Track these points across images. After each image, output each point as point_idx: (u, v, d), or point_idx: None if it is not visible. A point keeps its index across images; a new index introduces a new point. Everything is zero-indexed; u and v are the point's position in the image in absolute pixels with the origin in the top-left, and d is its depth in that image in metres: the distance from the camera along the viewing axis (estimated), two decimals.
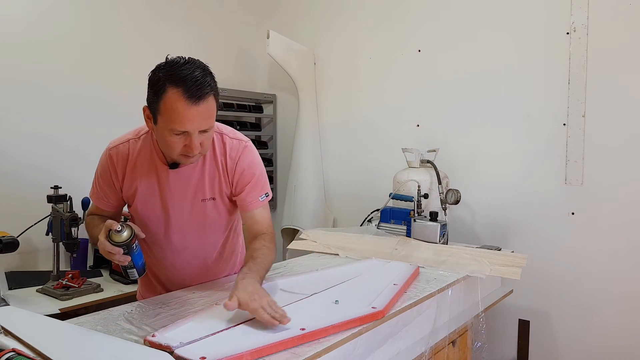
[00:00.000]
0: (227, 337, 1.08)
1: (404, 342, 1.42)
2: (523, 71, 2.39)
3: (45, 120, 2.43)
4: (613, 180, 2.18)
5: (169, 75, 1.25)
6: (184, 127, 1.26)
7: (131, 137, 1.49)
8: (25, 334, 1.04)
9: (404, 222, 2.20)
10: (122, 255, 1.25)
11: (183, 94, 1.23)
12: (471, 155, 2.55)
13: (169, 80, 1.25)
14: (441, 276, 1.71)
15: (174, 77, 1.24)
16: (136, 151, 1.45)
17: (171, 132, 1.28)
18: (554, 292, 2.33)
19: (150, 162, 1.45)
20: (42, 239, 2.27)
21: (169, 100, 1.24)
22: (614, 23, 2.16)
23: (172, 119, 1.26)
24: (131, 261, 1.28)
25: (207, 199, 1.49)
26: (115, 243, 1.24)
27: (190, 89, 1.24)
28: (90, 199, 1.54)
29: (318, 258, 1.97)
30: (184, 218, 1.49)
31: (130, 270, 1.32)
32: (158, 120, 1.30)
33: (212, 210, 1.52)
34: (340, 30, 3.05)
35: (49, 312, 1.85)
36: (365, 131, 2.95)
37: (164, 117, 1.27)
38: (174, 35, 2.97)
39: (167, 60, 1.30)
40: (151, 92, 1.29)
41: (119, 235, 1.24)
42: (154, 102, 1.29)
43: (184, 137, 1.29)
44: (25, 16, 2.37)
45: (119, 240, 1.24)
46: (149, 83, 1.30)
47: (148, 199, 1.47)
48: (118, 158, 1.45)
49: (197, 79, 1.25)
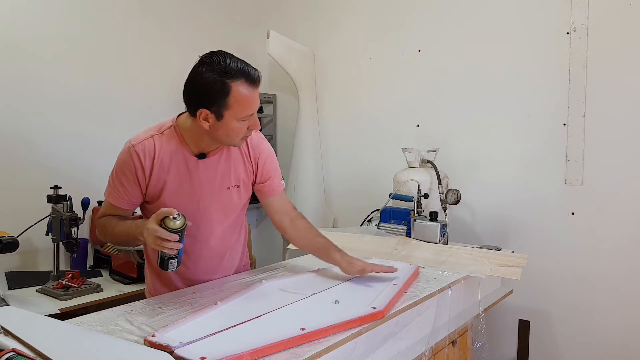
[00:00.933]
0: (227, 337, 1.08)
1: (404, 342, 1.42)
2: (523, 71, 2.39)
3: (45, 120, 2.43)
4: (613, 180, 2.18)
5: (224, 71, 1.35)
6: (252, 109, 1.41)
7: (154, 133, 1.51)
8: (25, 334, 1.04)
9: (404, 222, 2.20)
10: (176, 242, 1.26)
11: (246, 82, 1.37)
12: (471, 155, 2.55)
13: (228, 76, 1.35)
14: (441, 276, 1.71)
15: (231, 71, 1.36)
16: (162, 146, 1.49)
17: (240, 120, 1.40)
18: (554, 292, 2.33)
19: (178, 155, 1.50)
20: (42, 239, 2.27)
21: (237, 93, 1.36)
22: (614, 23, 2.16)
23: (243, 108, 1.38)
24: (177, 251, 1.29)
25: (233, 187, 1.58)
26: (171, 230, 1.24)
27: (248, 76, 1.38)
28: (107, 199, 1.53)
29: (318, 258, 1.97)
30: (212, 206, 1.56)
31: (172, 260, 1.31)
32: (225, 116, 1.39)
33: (236, 198, 1.61)
34: (341, 30, 3.05)
35: (49, 312, 1.85)
36: (365, 131, 2.95)
37: (234, 109, 1.38)
38: (174, 35, 2.97)
39: (203, 60, 1.39)
40: (209, 93, 1.36)
41: (174, 222, 1.25)
42: (217, 101, 1.37)
43: (247, 121, 1.43)
44: (26, 14, 2.37)
45: (175, 227, 1.25)
46: (203, 87, 1.36)
47: (178, 190, 1.51)
48: (145, 153, 1.47)
49: (247, 66, 1.40)
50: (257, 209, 3.48)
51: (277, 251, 3.28)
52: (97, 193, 2.53)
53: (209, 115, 1.39)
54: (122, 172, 1.49)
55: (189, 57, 3.37)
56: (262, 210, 3.51)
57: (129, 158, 1.48)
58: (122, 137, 2.80)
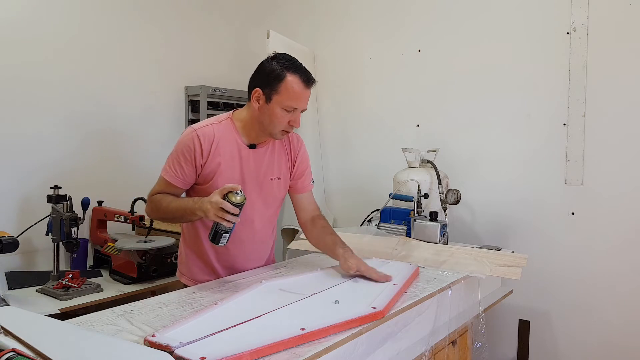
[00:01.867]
0: (227, 337, 1.08)
1: (404, 342, 1.42)
2: (523, 71, 2.38)
3: (45, 120, 2.43)
4: (613, 180, 2.18)
5: (287, 65, 1.58)
6: (297, 104, 1.58)
7: (213, 122, 1.68)
8: (25, 334, 1.04)
9: (404, 222, 2.20)
10: (234, 216, 1.39)
11: (300, 79, 1.57)
12: (471, 155, 2.54)
13: (288, 69, 1.57)
14: (441, 276, 1.71)
15: (292, 66, 1.58)
16: (219, 133, 1.65)
17: (283, 109, 1.58)
18: (554, 292, 2.33)
19: (232, 143, 1.67)
20: (42, 239, 2.28)
21: (290, 84, 1.56)
22: (614, 23, 2.16)
23: (289, 97, 1.56)
24: (233, 225, 1.41)
25: (274, 178, 1.75)
26: (233, 203, 1.37)
27: (305, 76, 1.58)
28: (164, 177, 1.65)
29: (318, 258, 1.97)
30: (256, 192, 1.70)
31: (225, 235, 1.43)
32: (273, 99, 1.57)
33: (277, 189, 1.77)
34: (341, 30, 3.05)
35: (49, 312, 1.85)
36: (365, 131, 2.95)
37: (283, 96, 1.56)
38: (174, 35, 2.97)
39: (275, 55, 1.61)
40: (268, 76, 1.58)
41: (236, 197, 1.38)
42: (272, 84, 1.57)
43: (290, 115, 1.59)
44: (28, 16, 2.37)
45: (237, 202, 1.38)
46: (265, 70, 1.59)
47: (229, 174, 1.66)
48: (205, 138, 1.62)
49: (306, 69, 1.61)
50: None
51: (277, 251, 3.27)
52: (97, 193, 2.54)
53: (261, 96, 1.59)
54: (182, 154, 1.62)
55: (189, 57, 3.38)
56: None
57: (190, 141, 1.62)
58: (122, 137, 2.81)
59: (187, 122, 3.00)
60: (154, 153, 2.77)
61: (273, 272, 1.75)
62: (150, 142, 2.83)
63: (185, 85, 3.02)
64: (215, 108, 2.95)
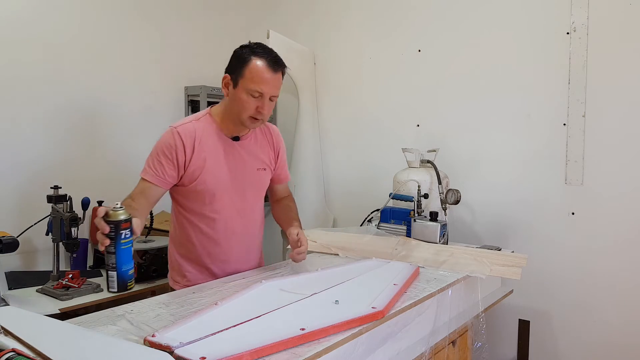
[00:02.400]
0: (227, 337, 1.08)
1: (404, 342, 1.42)
2: (523, 71, 2.38)
3: (45, 119, 2.43)
4: (613, 180, 2.18)
5: (254, 49, 1.59)
6: (261, 89, 1.56)
7: (192, 119, 1.69)
8: (25, 334, 1.04)
9: (404, 222, 2.20)
10: (105, 235, 1.24)
11: (265, 62, 1.57)
12: (471, 155, 2.54)
13: (254, 53, 1.58)
14: (441, 276, 1.71)
15: (259, 51, 1.59)
16: (200, 129, 1.65)
17: (249, 94, 1.57)
18: (554, 292, 2.33)
19: (215, 137, 1.67)
20: (42, 239, 2.28)
21: (254, 66, 1.56)
22: (614, 23, 2.16)
23: (253, 81, 1.56)
24: (113, 247, 1.23)
25: (261, 169, 1.79)
26: (107, 220, 1.23)
27: (270, 60, 1.58)
28: (143, 177, 1.62)
29: (318, 258, 1.97)
30: (245, 183, 1.73)
31: (110, 262, 1.25)
32: (239, 83, 1.58)
33: (264, 179, 1.82)
34: (341, 30, 3.05)
35: (49, 312, 1.85)
36: (365, 131, 2.95)
37: (247, 79, 1.57)
38: (173, 35, 2.97)
39: (249, 43, 1.63)
40: (236, 61, 1.60)
41: (114, 213, 1.24)
42: (237, 68, 1.59)
43: (257, 100, 1.58)
44: (28, 15, 2.37)
45: (111, 218, 1.23)
46: (234, 56, 1.62)
47: (216, 169, 1.66)
48: (186, 135, 1.61)
49: (276, 54, 1.62)
50: None
51: (277, 251, 3.28)
52: (97, 193, 2.54)
53: (229, 82, 1.61)
54: (162, 152, 1.61)
55: (189, 57, 3.38)
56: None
57: (170, 139, 1.61)
58: (122, 137, 2.80)
59: None
60: None
61: (273, 272, 1.75)
62: (150, 142, 2.77)
63: (185, 85, 3.02)
64: None
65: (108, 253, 1.25)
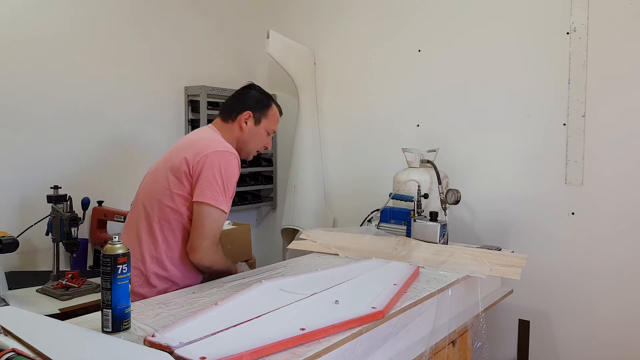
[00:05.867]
0: (227, 337, 1.08)
1: (404, 342, 1.42)
2: (523, 71, 2.38)
3: (45, 119, 2.43)
4: (613, 180, 2.18)
5: (267, 96, 1.92)
6: (275, 128, 1.92)
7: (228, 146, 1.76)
8: (25, 334, 1.04)
9: (404, 222, 2.20)
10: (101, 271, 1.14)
11: (278, 109, 1.93)
12: (471, 155, 2.54)
13: (270, 99, 1.91)
14: (441, 276, 1.71)
15: (271, 98, 1.93)
16: None
17: (266, 132, 1.88)
18: (554, 292, 2.33)
19: None
20: (42, 239, 2.28)
21: (273, 112, 1.90)
22: (614, 23, 2.16)
23: (273, 123, 1.90)
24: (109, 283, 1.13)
25: None
26: (103, 254, 1.14)
27: (278, 107, 1.94)
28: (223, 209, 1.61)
29: (318, 258, 1.97)
30: None
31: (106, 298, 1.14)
32: (262, 122, 1.86)
33: None
34: (341, 30, 3.05)
35: (49, 312, 1.85)
36: (365, 131, 2.95)
37: (269, 120, 1.88)
38: (173, 35, 2.97)
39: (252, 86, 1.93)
40: (257, 103, 1.86)
41: (111, 247, 1.14)
42: (262, 110, 1.86)
43: (268, 138, 1.91)
44: (28, 16, 2.37)
45: (107, 252, 1.14)
46: (253, 97, 1.87)
47: None
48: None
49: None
50: (256, 209, 3.49)
51: (277, 251, 3.28)
52: (97, 193, 2.54)
53: (250, 118, 1.82)
54: (231, 181, 1.65)
55: (189, 57, 3.37)
56: (262, 210, 3.51)
57: (237, 168, 1.69)
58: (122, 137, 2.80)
59: (187, 122, 3.00)
60: (154, 153, 2.77)
61: (273, 272, 1.75)
62: (150, 142, 2.83)
63: (185, 85, 3.02)
64: (215, 108, 2.94)
65: (104, 289, 1.14)
